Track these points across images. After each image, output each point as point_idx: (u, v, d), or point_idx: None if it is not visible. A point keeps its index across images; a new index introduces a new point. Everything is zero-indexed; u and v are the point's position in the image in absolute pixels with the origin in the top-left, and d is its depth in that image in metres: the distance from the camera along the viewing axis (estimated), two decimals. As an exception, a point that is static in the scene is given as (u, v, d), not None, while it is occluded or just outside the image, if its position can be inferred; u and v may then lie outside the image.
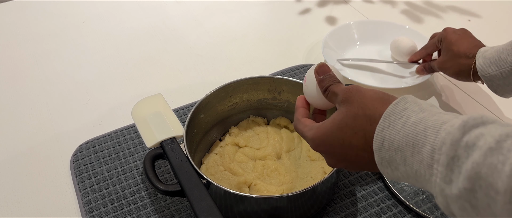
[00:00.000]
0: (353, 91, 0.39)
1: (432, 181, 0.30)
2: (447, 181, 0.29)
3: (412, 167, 0.32)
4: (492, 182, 0.26)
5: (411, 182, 0.34)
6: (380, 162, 0.35)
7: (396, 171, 0.34)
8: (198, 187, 0.48)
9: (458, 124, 0.29)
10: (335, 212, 0.57)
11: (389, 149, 0.33)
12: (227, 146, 0.63)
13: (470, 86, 0.79)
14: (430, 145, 0.30)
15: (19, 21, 1.02)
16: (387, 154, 0.34)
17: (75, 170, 0.64)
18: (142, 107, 0.60)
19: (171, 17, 1.03)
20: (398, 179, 0.35)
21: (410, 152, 0.32)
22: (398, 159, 0.33)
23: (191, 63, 0.88)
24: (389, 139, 0.33)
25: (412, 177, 0.33)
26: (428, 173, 0.30)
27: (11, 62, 0.89)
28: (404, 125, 0.33)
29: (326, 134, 0.39)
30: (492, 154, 0.26)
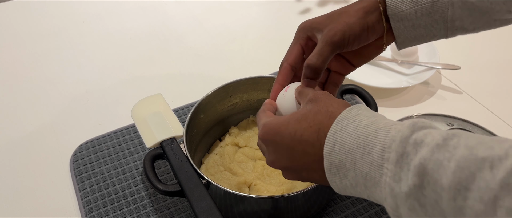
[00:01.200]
0: (323, 94, 0.39)
1: (381, 182, 0.30)
2: (396, 180, 0.29)
3: (362, 171, 0.32)
4: (437, 179, 0.26)
5: (359, 191, 0.33)
6: (329, 168, 0.34)
7: (345, 178, 0.34)
8: (198, 187, 0.48)
9: (407, 124, 0.30)
10: (335, 212, 0.57)
11: (340, 152, 0.33)
12: (227, 146, 0.63)
13: (470, 86, 0.78)
14: (380, 144, 0.30)
15: (19, 21, 1.02)
16: (337, 158, 0.33)
17: (74, 170, 0.64)
18: (142, 107, 0.60)
19: (171, 17, 1.03)
20: (345, 189, 0.35)
21: (360, 154, 0.32)
22: (348, 163, 0.33)
23: (191, 63, 0.88)
24: (340, 142, 0.33)
25: (361, 183, 0.32)
26: (378, 174, 0.30)
27: (11, 62, 0.89)
28: (356, 128, 0.33)
29: (281, 123, 0.38)
30: (439, 151, 0.27)
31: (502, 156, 0.24)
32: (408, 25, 0.46)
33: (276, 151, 0.39)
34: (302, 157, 0.37)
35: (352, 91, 0.61)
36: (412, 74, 0.80)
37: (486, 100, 0.76)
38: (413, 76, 0.79)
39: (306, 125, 0.36)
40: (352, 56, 0.49)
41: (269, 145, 0.40)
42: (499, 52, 0.87)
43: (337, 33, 0.44)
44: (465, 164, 0.25)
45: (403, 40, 0.47)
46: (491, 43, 0.90)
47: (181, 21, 1.01)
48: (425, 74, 0.77)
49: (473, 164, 0.25)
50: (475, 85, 0.79)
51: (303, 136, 0.36)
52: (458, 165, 0.26)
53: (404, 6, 0.45)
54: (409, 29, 0.46)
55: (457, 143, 0.27)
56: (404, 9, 0.45)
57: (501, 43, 0.90)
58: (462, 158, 0.26)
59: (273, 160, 0.40)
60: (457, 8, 0.44)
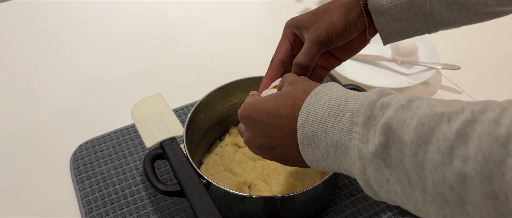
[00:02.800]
0: (302, 78, 0.41)
1: (350, 147, 0.31)
2: (364, 141, 0.30)
3: (332, 138, 0.33)
4: (401, 136, 0.27)
5: (329, 162, 0.35)
6: (302, 140, 0.35)
7: (317, 149, 0.35)
8: (198, 187, 0.47)
9: (375, 90, 0.32)
10: (335, 212, 0.57)
11: (312, 123, 0.34)
12: (227, 146, 0.63)
13: (470, 86, 0.78)
14: (350, 111, 0.32)
15: (19, 21, 1.02)
16: (309, 129, 0.35)
17: (74, 170, 0.64)
18: (142, 107, 0.60)
19: (171, 17, 1.03)
20: (317, 161, 0.36)
21: (332, 122, 0.33)
22: (320, 133, 0.34)
23: (191, 63, 0.88)
24: (313, 114, 0.35)
25: (331, 152, 0.33)
26: (347, 140, 0.32)
27: (11, 62, 0.89)
28: (328, 100, 0.34)
29: (259, 101, 0.40)
30: (403, 110, 0.28)
31: (459, 110, 0.25)
32: (389, 19, 0.47)
33: (253, 127, 0.40)
34: (277, 131, 0.38)
35: (352, 91, 0.61)
36: (412, 74, 0.80)
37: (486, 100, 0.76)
38: (413, 76, 0.79)
39: (282, 101, 0.38)
40: (338, 51, 0.52)
41: (246, 123, 0.41)
42: (499, 52, 0.87)
43: (322, 33, 0.46)
44: (425, 120, 0.27)
45: (387, 34, 0.48)
46: (491, 43, 0.90)
47: (181, 21, 1.01)
48: (425, 74, 0.77)
49: (432, 119, 0.26)
50: (475, 85, 0.79)
51: (279, 110, 0.38)
52: (419, 121, 0.27)
53: (384, 1, 0.46)
54: (391, 23, 0.47)
55: (420, 103, 0.28)
56: (384, 4, 0.46)
57: (501, 43, 0.90)
58: (423, 114, 0.27)
59: (249, 137, 0.41)
60: (435, 1, 0.44)
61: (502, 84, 0.80)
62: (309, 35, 0.47)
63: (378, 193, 0.31)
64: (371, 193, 0.32)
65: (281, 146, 0.39)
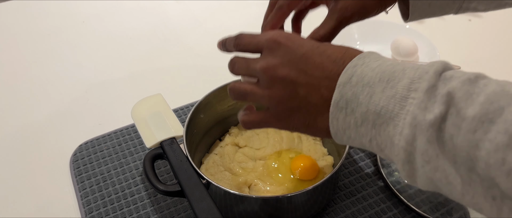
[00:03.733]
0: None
1: (401, 114, 0.28)
2: (422, 108, 0.27)
3: (377, 104, 0.30)
4: (463, 108, 0.26)
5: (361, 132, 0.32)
6: (338, 101, 0.32)
7: (351, 115, 0.32)
8: (198, 187, 0.47)
9: (439, 62, 0.29)
10: (335, 212, 0.57)
11: (356, 84, 0.31)
12: (227, 146, 0.63)
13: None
14: (408, 79, 0.29)
15: (19, 21, 1.02)
16: (351, 90, 0.31)
17: (74, 170, 0.64)
18: (142, 107, 0.60)
19: (171, 17, 1.03)
20: (344, 129, 0.33)
21: (381, 87, 0.30)
22: (362, 97, 0.31)
23: (191, 63, 0.88)
24: (359, 75, 0.31)
25: (370, 119, 0.31)
26: (398, 107, 0.29)
27: (11, 62, 0.89)
28: (380, 65, 0.31)
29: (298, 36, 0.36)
30: (470, 84, 0.27)
31: None
32: (425, 2, 0.45)
33: (283, 56, 0.35)
34: (316, 70, 0.34)
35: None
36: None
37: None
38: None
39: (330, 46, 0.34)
40: None
41: (274, 49, 0.36)
42: (499, 52, 0.87)
43: (349, 10, 0.43)
44: (495, 98, 0.25)
45: (416, 16, 0.47)
46: (491, 43, 0.90)
47: (181, 21, 1.01)
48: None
49: (503, 98, 0.25)
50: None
51: (327, 51, 0.34)
52: (487, 98, 0.25)
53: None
54: (425, 6, 0.46)
55: (488, 81, 0.27)
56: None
57: (501, 43, 0.90)
58: (493, 92, 0.25)
59: (275, 64, 0.35)
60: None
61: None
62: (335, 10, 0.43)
63: (419, 170, 0.28)
64: (407, 171, 0.29)
65: (310, 87, 0.34)
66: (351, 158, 0.64)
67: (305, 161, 0.58)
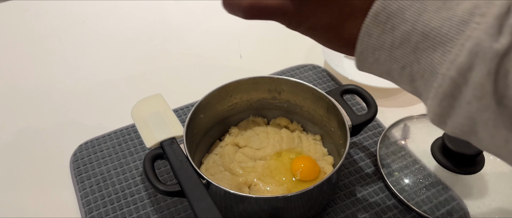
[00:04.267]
0: None
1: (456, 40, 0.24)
2: (490, 33, 0.23)
3: (427, 24, 0.25)
4: None
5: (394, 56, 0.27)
6: (377, 13, 0.27)
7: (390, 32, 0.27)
8: (198, 187, 0.47)
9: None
10: (335, 212, 0.57)
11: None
12: (227, 146, 0.63)
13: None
14: (470, 3, 0.24)
15: (19, 21, 1.02)
16: (397, 3, 0.26)
17: (74, 170, 0.64)
18: (142, 107, 0.60)
19: (171, 17, 1.03)
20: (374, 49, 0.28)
21: (435, 6, 0.25)
22: (409, 13, 0.26)
23: (191, 63, 0.88)
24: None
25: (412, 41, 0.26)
26: (453, 31, 0.25)
27: (11, 62, 0.89)
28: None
29: None
30: None
31: None
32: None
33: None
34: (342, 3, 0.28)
35: (352, 91, 0.61)
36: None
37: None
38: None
39: None
40: None
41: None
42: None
43: None
44: None
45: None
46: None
47: (181, 21, 1.01)
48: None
49: None
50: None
51: None
52: None
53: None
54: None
55: None
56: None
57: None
58: None
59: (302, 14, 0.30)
60: None
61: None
62: None
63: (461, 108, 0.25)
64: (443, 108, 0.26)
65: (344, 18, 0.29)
66: (351, 158, 0.64)
67: (305, 162, 0.58)
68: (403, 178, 0.59)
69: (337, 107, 0.56)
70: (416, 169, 0.60)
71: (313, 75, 0.81)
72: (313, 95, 0.60)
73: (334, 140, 0.60)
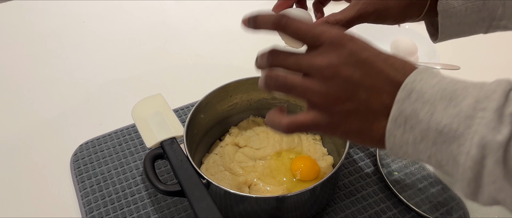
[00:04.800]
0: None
1: (467, 133, 0.28)
2: (491, 127, 0.27)
3: (439, 122, 0.29)
4: None
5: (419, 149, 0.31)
6: (396, 117, 0.31)
7: (410, 132, 0.31)
8: (198, 187, 0.48)
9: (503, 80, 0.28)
10: (335, 212, 0.57)
11: (416, 101, 0.30)
12: (227, 146, 0.63)
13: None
14: (473, 97, 0.28)
15: (19, 21, 1.02)
16: (410, 106, 0.30)
17: (75, 170, 0.64)
18: (142, 107, 0.60)
19: (171, 17, 1.03)
20: (401, 146, 0.32)
21: (443, 105, 0.29)
22: (422, 114, 0.30)
23: (191, 63, 0.88)
24: (419, 91, 0.30)
25: (430, 137, 0.30)
26: (463, 126, 0.28)
27: (11, 62, 0.89)
28: (439, 81, 0.30)
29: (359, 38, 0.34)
30: None
31: None
32: (455, 22, 0.45)
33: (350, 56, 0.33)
34: (379, 75, 0.32)
35: (352, 91, 0.61)
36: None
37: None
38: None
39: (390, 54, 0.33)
40: None
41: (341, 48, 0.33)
42: (499, 53, 0.87)
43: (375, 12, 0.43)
44: None
45: (445, 36, 0.46)
46: (491, 44, 0.90)
47: (181, 21, 1.01)
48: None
49: None
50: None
51: (389, 59, 0.33)
52: None
53: (455, 3, 0.44)
54: (454, 26, 0.45)
55: None
56: (456, 6, 0.44)
57: (501, 43, 0.90)
58: None
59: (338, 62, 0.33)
60: (508, 7, 0.43)
61: (502, 84, 0.80)
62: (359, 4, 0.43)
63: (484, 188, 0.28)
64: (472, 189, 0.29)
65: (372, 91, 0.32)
66: (351, 158, 0.64)
67: (305, 162, 0.58)
68: (403, 178, 0.60)
69: None
70: (415, 169, 0.60)
71: (313, 75, 0.81)
72: (313, 95, 0.60)
73: (334, 140, 0.60)
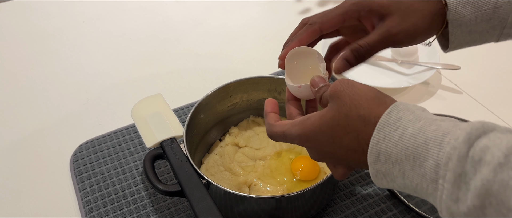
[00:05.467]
0: (344, 85, 0.36)
1: (437, 196, 0.29)
2: (454, 199, 0.27)
3: (412, 181, 0.31)
4: (504, 200, 0.25)
5: (409, 192, 0.33)
6: (375, 174, 0.33)
7: (393, 182, 0.33)
8: (198, 187, 0.48)
9: (462, 138, 0.28)
10: (335, 212, 0.57)
11: (386, 162, 0.32)
12: (227, 146, 0.63)
13: (470, 86, 0.78)
14: (433, 159, 0.29)
15: (19, 21, 1.02)
16: (383, 167, 0.32)
17: (75, 170, 0.64)
18: (142, 107, 0.60)
19: (171, 17, 1.03)
20: (393, 186, 0.34)
21: (410, 165, 0.30)
22: (396, 172, 0.31)
23: (191, 63, 0.88)
24: (385, 152, 0.31)
25: (411, 189, 0.32)
26: (431, 188, 0.29)
27: (11, 62, 0.89)
28: (401, 137, 0.31)
29: (314, 131, 0.36)
30: (502, 170, 0.25)
31: None
32: (465, 30, 0.44)
33: (319, 152, 0.38)
34: (347, 158, 0.36)
35: (352, 91, 0.61)
36: (412, 74, 0.80)
37: (486, 100, 0.76)
38: (413, 76, 0.79)
39: (342, 131, 0.35)
40: None
41: (310, 148, 0.39)
42: (499, 52, 0.87)
43: (401, 33, 0.41)
44: None
45: (456, 45, 0.46)
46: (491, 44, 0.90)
47: (181, 21, 1.01)
48: (425, 74, 0.77)
49: None
50: (475, 85, 0.79)
51: (343, 142, 0.35)
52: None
53: (465, 12, 0.43)
54: (465, 35, 0.44)
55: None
56: (466, 15, 0.43)
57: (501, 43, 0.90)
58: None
59: (318, 157, 0.39)
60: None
61: (502, 84, 0.80)
62: (382, 27, 0.41)
63: None
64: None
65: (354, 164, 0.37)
66: (351, 158, 0.64)
67: (305, 162, 0.58)
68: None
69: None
70: (416, 169, 0.60)
71: (313, 75, 0.81)
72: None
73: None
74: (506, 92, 0.78)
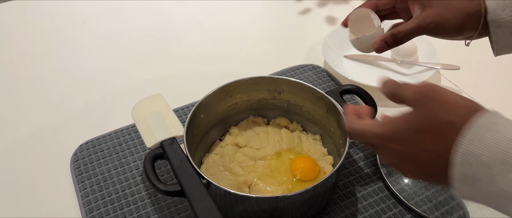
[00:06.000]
0: (433, 92, 0.35)
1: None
2: None
3: (500, 187, 0.29)
4: None
5: (488, 202, 0.32)
6: (459, 178, 0.32)
7: (474, 189, 0.31)
8: (198, 187, 0.48)
9: None
10: (335, 212, 0.57)
11: (476, 165, 0.30)
12: (227, 146, 0.63)
13: (470, 86, 0.79)
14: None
15: (19, 21, 1.02)
16: (470, 169, 0.31)
17: (75, 170, 0.64)
18: (142, 107, 0.60)
19: (171, 17, 1.03)
20: (472, 198, 0.32)
21: (502, 170, 0.29)
22: (483, 177, 0.30)
23: (191, 63, 0.88)
24: (477, 154, 0.30)
25: (494, 197, 0.30)
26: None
27: (11, 61, 0.89)
28: (497, 141, 0.30)
29: (398, 133, 0.36)
30: None
31: None
32: (507, 32, 0.47)
33: (398, 154, 0.37)
34: (430, 161, 0.35)
35: (352, 91, 0.61)
36: (412, 74, 0.80)
37: (486, 100, 0.76)
38: (413, 76, 0.79)
39: (428, 136, 0.34)
40: None
41: (390, 149, 0.38)
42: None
43: (432, 23, 0.48)
44: None
45: (501, 46, 0.49)
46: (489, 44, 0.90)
47: (181, 21, 1.01)
48: (425, 74, 0.77)
49: None
50: (475, 85, 0.79)
51: (430, 147, 0.34)
52: None
53: (504, 14, 0.46)
54: (507, 36, 0.47)
55: None
56: (504, 17, 0.46)
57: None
58: None
59: (395, 161, 0.39)
60: None
61: (502, 84, 0.80)
62: (419, 17, 0.49)
63: None
64: None
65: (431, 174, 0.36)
66: (351, 158, 0.64)
67: (305, 162, 0.58)
68: (403, 178, 0.60)
69: (336, 107, 0.56)
70: (415, 169, 0.60)
71: (313, 75, 0.81)
72: (313, 95, 0.61)
73: (334, 140, 0.60)
74: (506, 92, 0.78)
